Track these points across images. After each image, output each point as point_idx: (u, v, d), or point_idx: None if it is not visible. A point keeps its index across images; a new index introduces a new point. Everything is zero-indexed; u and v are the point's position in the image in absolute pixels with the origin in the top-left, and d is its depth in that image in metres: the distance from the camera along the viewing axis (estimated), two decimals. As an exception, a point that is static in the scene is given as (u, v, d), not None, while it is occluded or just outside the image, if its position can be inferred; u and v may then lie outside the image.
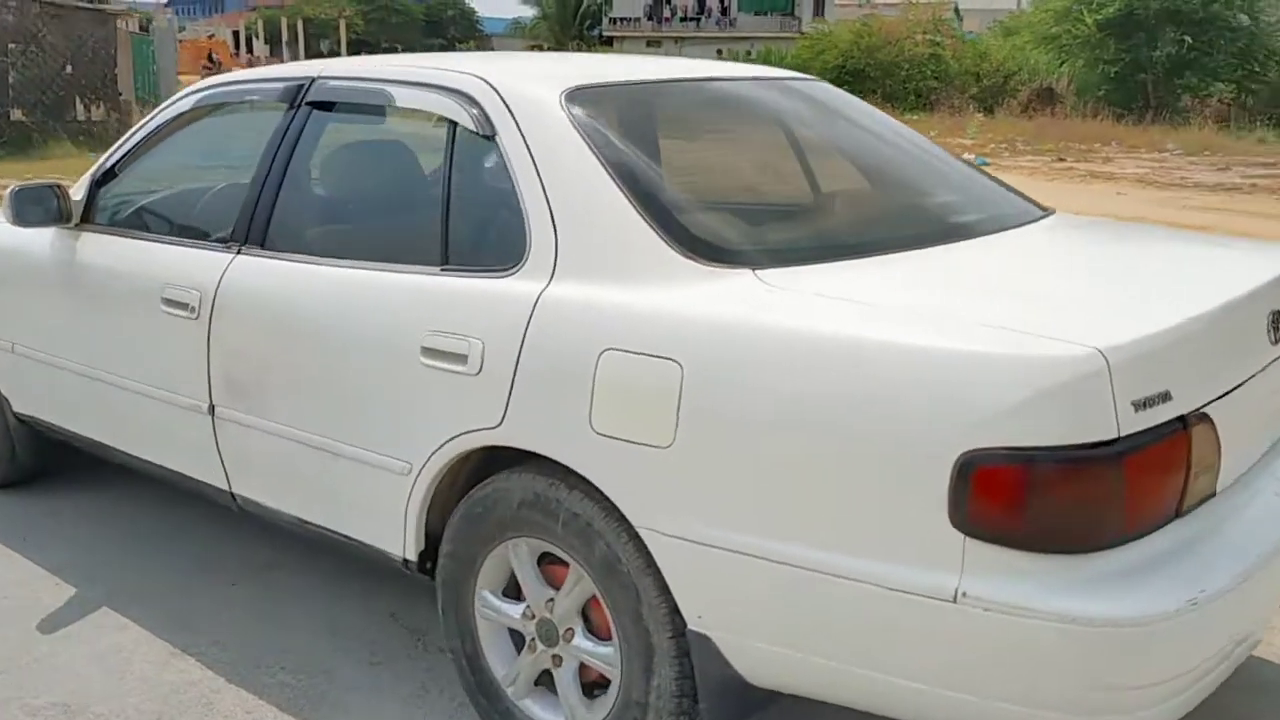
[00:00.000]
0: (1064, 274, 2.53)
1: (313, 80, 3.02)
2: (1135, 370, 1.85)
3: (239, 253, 3.01)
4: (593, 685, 2.48)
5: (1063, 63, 26.47)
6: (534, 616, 2.51)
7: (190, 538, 3.75)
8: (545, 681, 2.56)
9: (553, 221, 2.41)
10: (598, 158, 2.44)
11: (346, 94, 3.01)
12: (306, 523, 2.93)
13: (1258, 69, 24.78)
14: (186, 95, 3.36)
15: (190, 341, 3.05)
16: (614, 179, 2.40)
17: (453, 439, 2.48)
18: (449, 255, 2.59)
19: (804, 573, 2.03)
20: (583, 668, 2.48)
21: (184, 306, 3.06)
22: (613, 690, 2.40)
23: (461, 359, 2.44)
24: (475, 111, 2.62)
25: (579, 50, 38.36)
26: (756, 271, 2.22)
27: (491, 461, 2.52)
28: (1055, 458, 1.82)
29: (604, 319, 2.26)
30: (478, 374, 2.41)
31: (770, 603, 2.10)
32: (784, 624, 2.10)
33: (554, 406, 2.31)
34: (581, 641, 2.44)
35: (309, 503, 2.91)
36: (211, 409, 3.05)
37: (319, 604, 3.31)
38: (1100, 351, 1.81)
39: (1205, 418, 1.99)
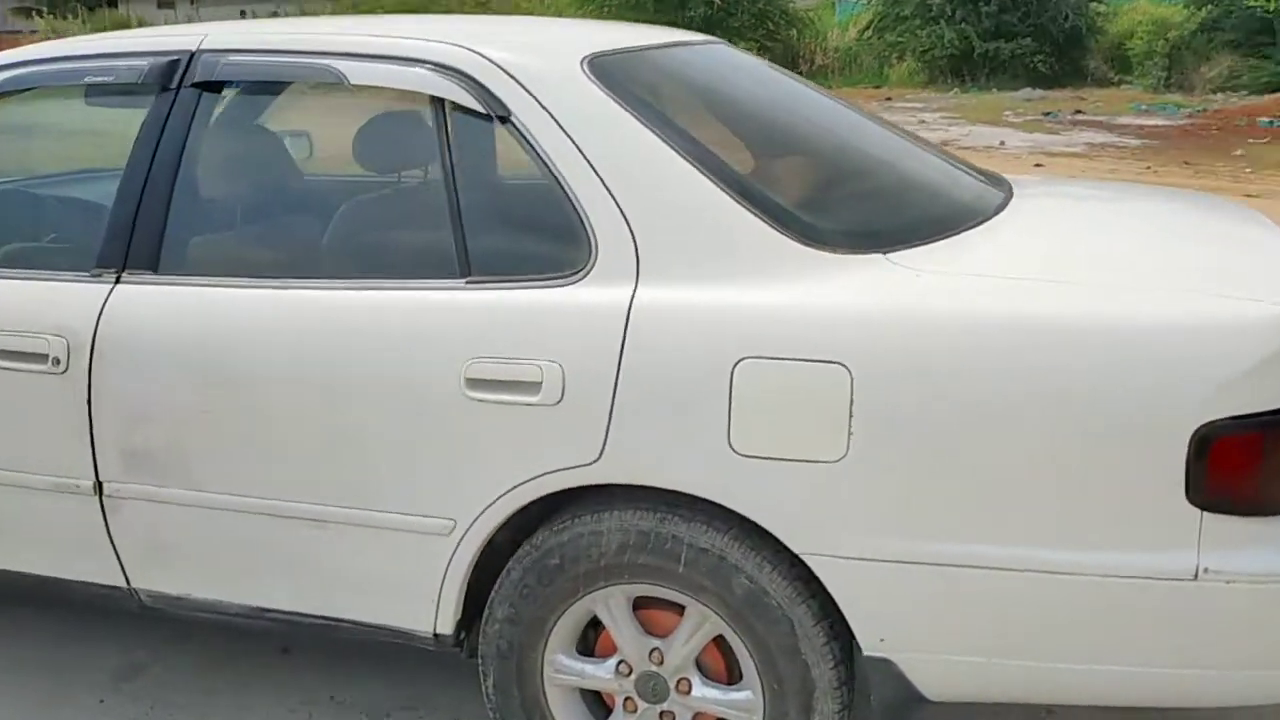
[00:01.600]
0: (1158, 238, 2.44)
1: (193, 54, 2.37)
2: None
3: (119, 281, 2.33)
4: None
5: (593, 17, 27.44)
6: (630, 673, 2.17)
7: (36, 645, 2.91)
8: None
9: (623, 215, 2.05)
10: (660, 138, 2.10)
11: (262, 71, 2.39)
12: (268, 611, 2.35)
13: (773, 28, 27.06)
14: None
15: (53, 403, 2.33)
16: (690, 162, 2.08)
17: (521, 484, 2.07)
18: (470, 264, 2.14)
19: (1015, 575, 1.89)
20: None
21: (38, 359, 2.32)
22: (746, 741, 2.13)
23: (531, 388, 2.03)
24: (475, 89, 2.17)
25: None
26: (888, 255, 2.02)
27: (551, 506, 2.13)
28: None
29: (734, 324, 1.96)
30: (557, 403, 2.02)
31: (972, 612, 1.94)
32: (986, 632, 1.95)
33: (676, 430, 1.98)
34: (705, 691, 2.14)
35: (276, 586, 2.33)
36: (98, 487, 2.35)
37: (225, 704, 2.69)
38: None
39: None
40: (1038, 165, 12.27)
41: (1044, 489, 1.86)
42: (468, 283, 2.12)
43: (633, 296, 2.01)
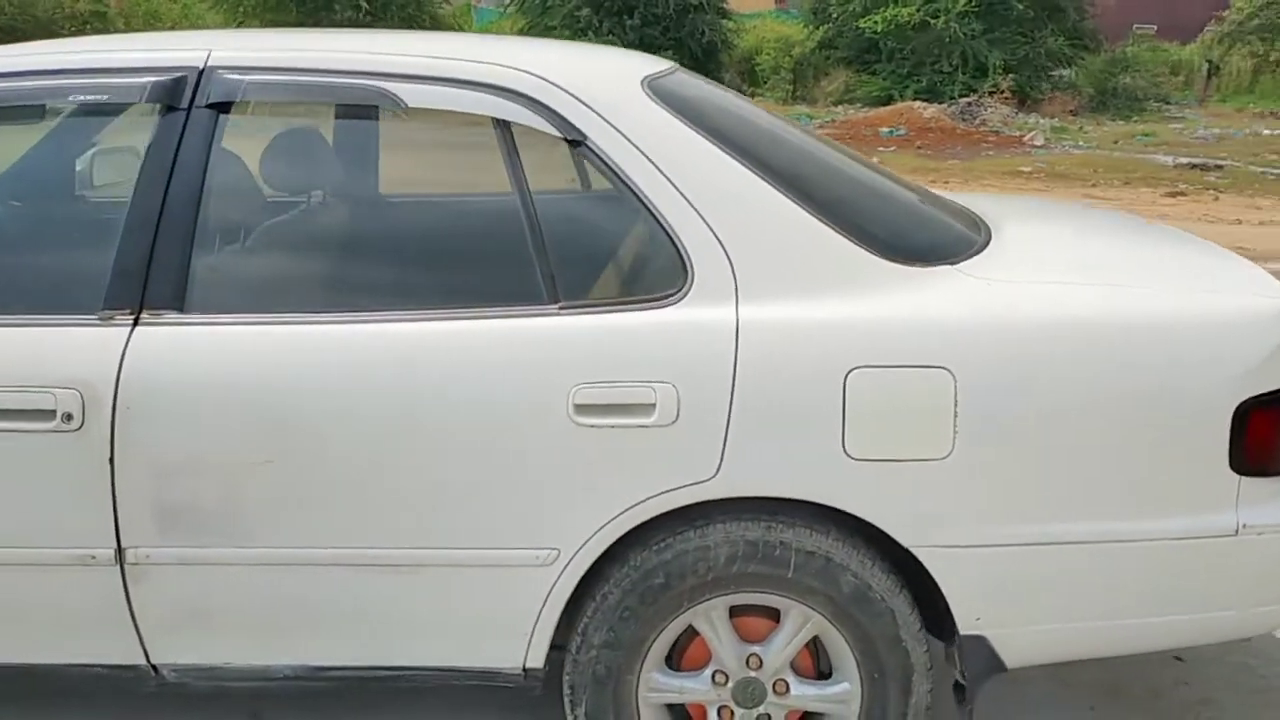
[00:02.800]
0: (1137, 246, 2.73)
1: (202, 71, 2.15)
2: None
3: (137, 323, 2.08)
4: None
5: (240, 24, 26.18)
6: (727, 681, 2.22)
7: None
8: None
9: (714, 235, 2.10)
10: (734, 157, 2.17)
11: (296, 92, 2.20)
12: (326, 670, 2.19)
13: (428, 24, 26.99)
14: None
15: (64, 465, 2.06)
16: (769, 182, 2.16)
17: (632, 507, 2.08)
18: (558, 289, 2.10)
19: (1090, 547, 2.13)
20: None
21: (41, 416, 2.04)
22: (842, 732, 2.24)
23: (644, 409, 2.04)
24: (543, 112, 2.13)
25: None
26: (956, 266, 2.20)
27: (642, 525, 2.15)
28: None
29: (843, 336, 2.07)
30: (673, 423, 2.04)
31: (1052, 584, 2.16)
32: (1063, 600, 2.18)
33: (792, 441, 2.06)
34: (804, 689, 2.23)
35: (338, 641, 2.18)
36: (119, 554, 2.09)
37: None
38: None
39: None
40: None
41: (1116, 469, 2.12)
42: (560, 308, 2.09)
43: (737, 314, 2.07)
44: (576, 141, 2.14)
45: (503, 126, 2.16)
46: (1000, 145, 17.82)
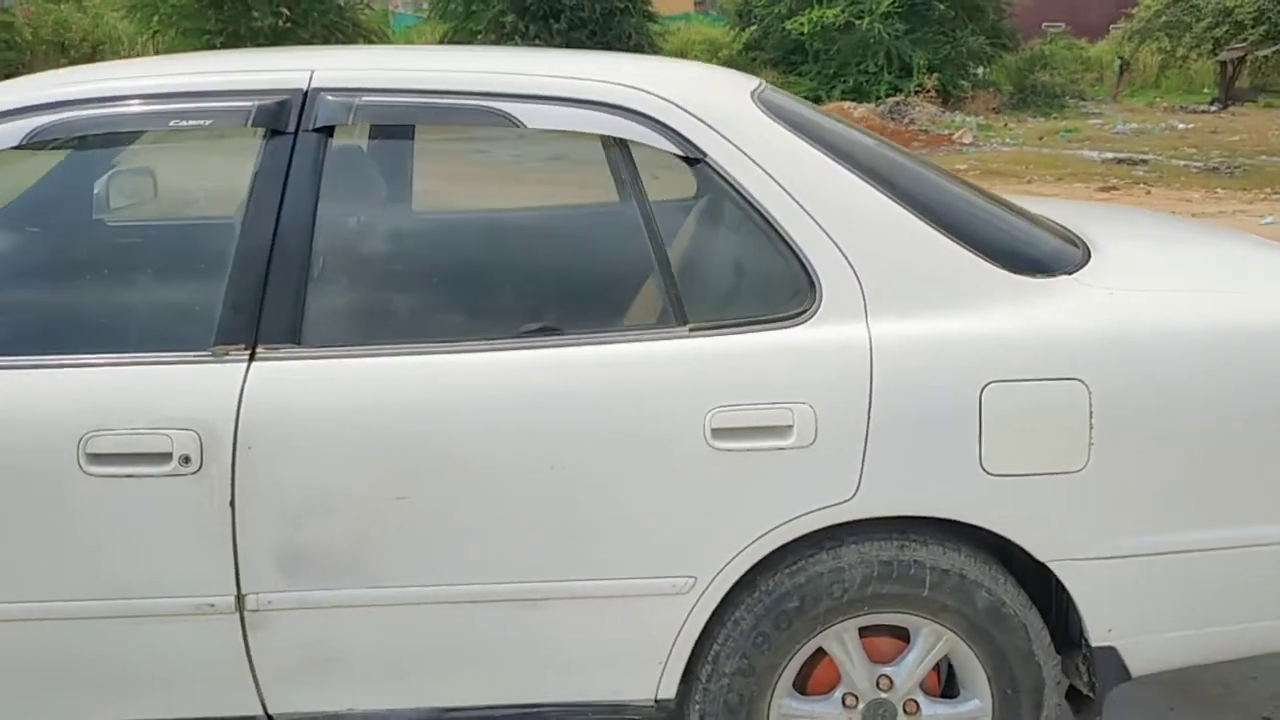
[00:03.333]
0: (1213, 248, 2.77)
1: (306, 94, 2.06)
2: None
3: (253, 358, 1.99)
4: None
5: (154, 33, 25.51)
6: (857, 703, 2.19)
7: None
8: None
9: (841, 252, 2.07)
10: (855, 174, 2.14)
11: (410, 114, 2.12)
12: (452, 712, 2.11)
13: (345, 39, 26.52)
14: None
15: (180, 510, 1.95)
16: (887, 196, 2.14)
17: (769, 532, 2.04)
18: (686, 312, 2.05)
19: (1220, 553, 2.14)
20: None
21: (156, 460, 1.93)
22: (975, 747, 2.22)
23: (782, 431, 2.00)
24: (663, 131, 2.08)
25: None
26: (1074, 277, 2.19)
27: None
28: None
29: (978, 350, 2.05)
30: (810, 445, 2.01)
31: (1181, 592, 2.17)
32: (1190, 607, 2.19)
33: (929, 457, 2.04)
34: (935, 709, 2.21)
35: (467, 682, 2.10)
36: (239, 602, 2.00)
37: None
38: None
39: None
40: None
41: (1245, 474, 2.13)
42: (691, 330, 2.04)
43: (869, 331, 2.04)
44: (696, 160, 2.09)
45: (620, 146, 2.10)
46: (931, 143, 18.07)
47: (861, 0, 22.72)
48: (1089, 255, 2.33)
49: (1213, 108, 22.95)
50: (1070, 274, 2.20)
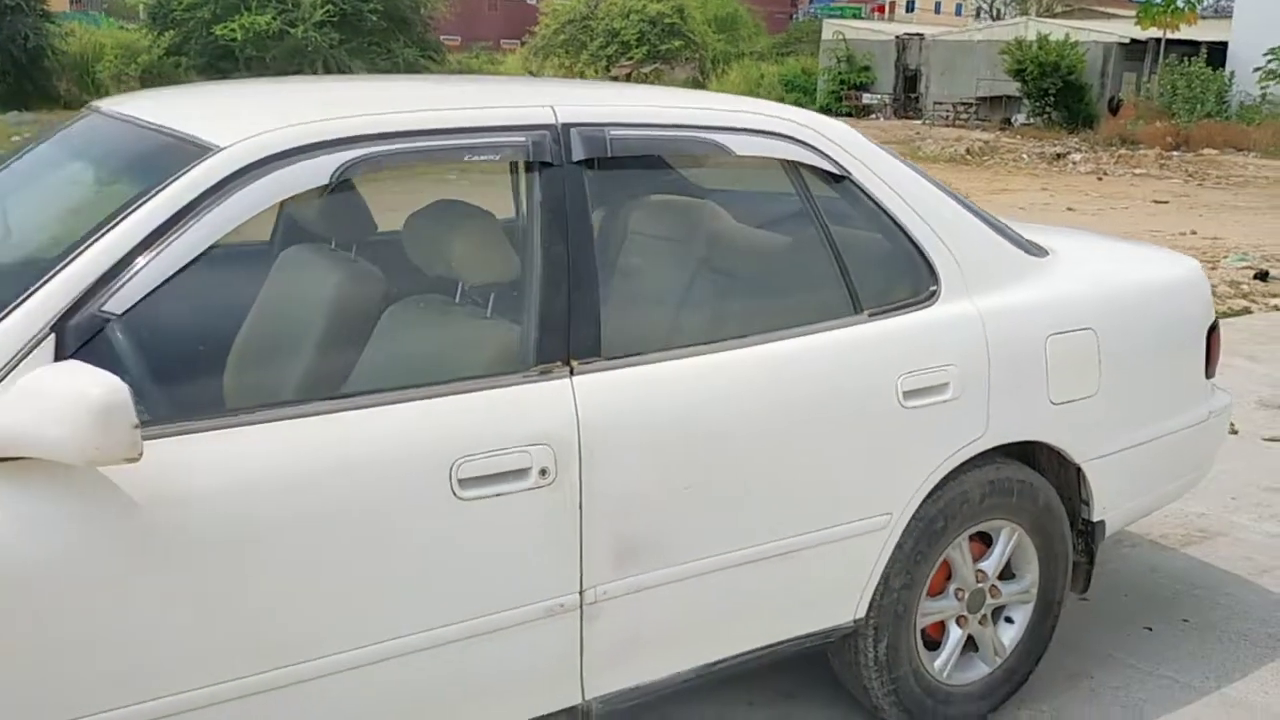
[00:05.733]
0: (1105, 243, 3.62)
1: (559, 128, 2.21)
2: None
3: (573, 373, 2.14)
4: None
5: None
6: (964, 595, 2.81)
7: None
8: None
9: (947, 248, 2.67)
10: (929, 182, 2.74)
11: (650, 145, 2.31)
12: (716, 664, 2.40)
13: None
14: (292, 160, 1.92)
15: (538, 519, 2.07)
16: (956, 201, 2.77)
17: (938, 467, 2.59)
18: (860, 300, 2.53)
19: (1166, 438, 3.07)
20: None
21: (518, 475, 2.04)
22: (1023, 614, 2.93)
23: (942, 389, 2.57)
24: (817, 155, 2.53)
25: None
26: (1054, 258, 2.98)
27: None
28: None
29: (1041, 313, 2.76)
30: (959, 397, 2.59)
31: (1136, 471, 3.05)
32: (1145, 479, 3.09)
33: (1021, 397, 2.72)
34: (1008, 588, 2.89)
35: (728, 636, 2.40)
36: (580, 597, 2.15)
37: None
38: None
39: None
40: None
41: (1165, 383, 3.07)
42: (870, 315, 2.53)
43: (975, 306, 2.67)
44: (842, 177, 2.57)
45: (793, 167, 2.52)
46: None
47: (294, 8, 22.57)
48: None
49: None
50: (1050, 257, 2.98)
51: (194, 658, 1.81)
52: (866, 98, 31.81)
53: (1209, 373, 3.18)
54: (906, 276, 2.64)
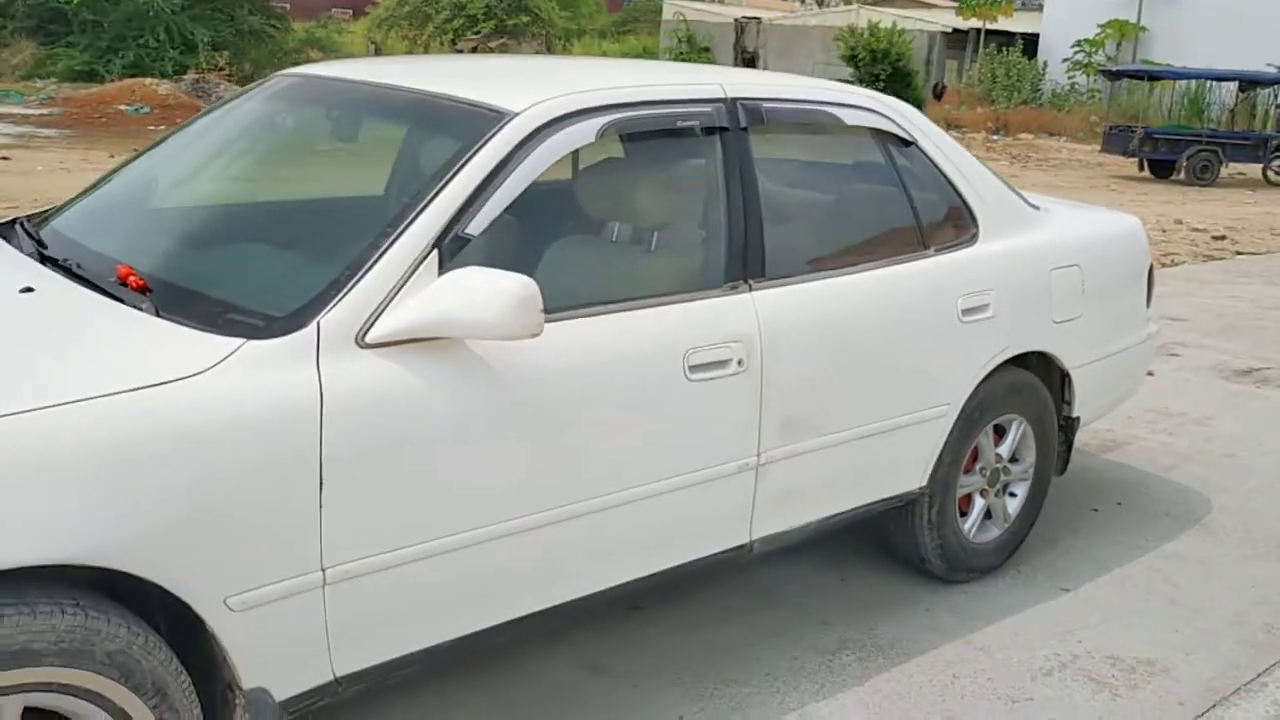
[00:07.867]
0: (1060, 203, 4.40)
1: (728, 101, 2.86)
2: None
3: (751, 290, 2.80)
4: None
5: None
6: (986, 473, 3.60)
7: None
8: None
9: (982, 199, 3.44)
10: (967, 152, 3.51)
11: (790, 115, 2.98)
12: (832, 517, 3.11)
13: None
14: (569, 123, 2.52)
15: (734, 399, 2.73)
16: (983, 166, 3.54)
17: (982, 368, 3.36)
18: (926, 240, 3.27)
19: (1122, 354, 3.93)
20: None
21: (724, 364, 2.69)
22: (1023, 489, 3.75)
23: (984, 308, 3.34)
24: (892, 124, 3.26)
25: None
26: (1046, 209, 3.79)
27: None
28: None
29: (1045, 252, 3.57)
30: (996, 315, 3.37)
31: (1100, 379, 3.89)
32: (1105, 382, 3.94)
33: (1033, 316, 3.52)
34: (1015, 467, 3.69)
35: (840, 496, 3.11)
36: (759, 458, 2.82)
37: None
38: None
39: None
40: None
41: (1123, 308, 3.92)
42: (936, 250, 3.28)
43: (1001, 247, 3.45)
44: (910, 143, 3.31)
45: (880, 134, 3.24)
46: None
47: (133, -29, 21.99)
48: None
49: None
50: (1041, 210, 3.80)
51: (533, 490, 2.42)
52: (707, 78, 32.80)
53: (1148, 304, 4.07)
54: (955, 222, 3.40)
